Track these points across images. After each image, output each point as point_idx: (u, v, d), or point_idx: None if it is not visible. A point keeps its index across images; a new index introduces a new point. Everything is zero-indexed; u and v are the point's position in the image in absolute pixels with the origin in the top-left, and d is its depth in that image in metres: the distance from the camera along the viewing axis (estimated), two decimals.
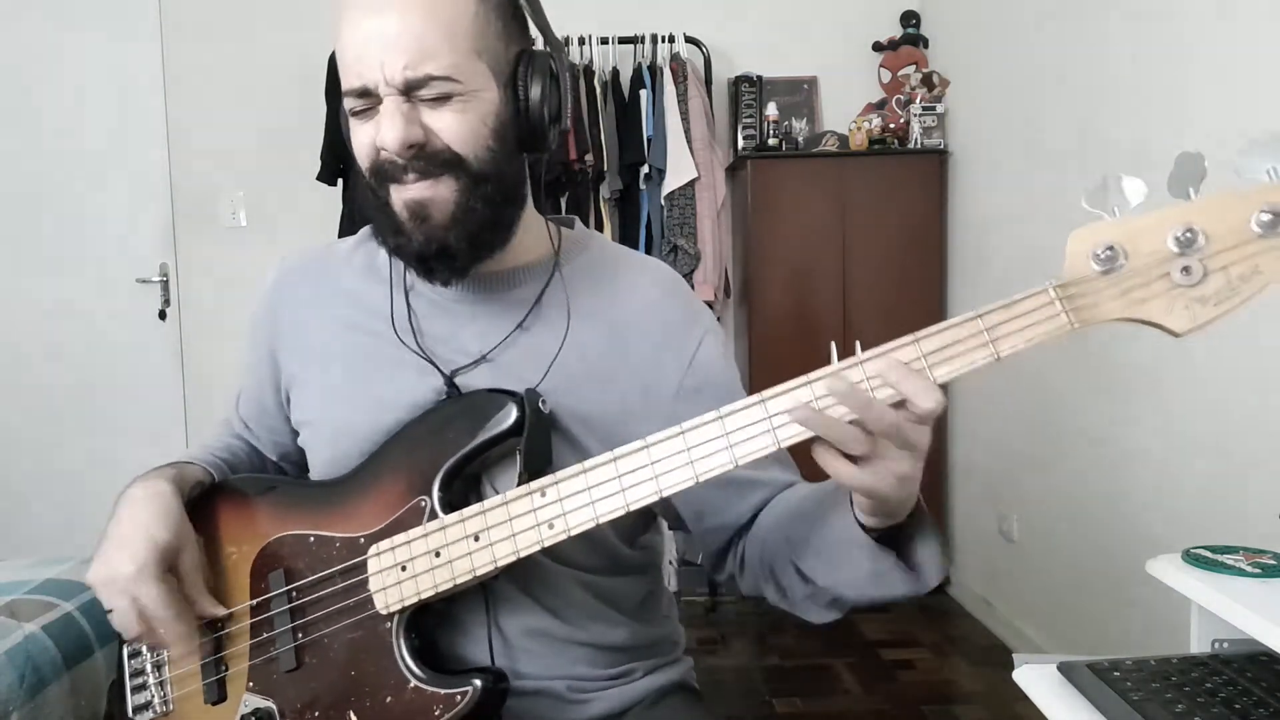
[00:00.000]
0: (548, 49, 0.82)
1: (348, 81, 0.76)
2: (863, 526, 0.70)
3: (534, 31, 0.84)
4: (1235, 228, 0.58)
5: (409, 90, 0.74)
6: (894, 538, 0.71)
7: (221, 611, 0.82)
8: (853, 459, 0.62)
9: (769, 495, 0.85)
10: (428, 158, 0.76)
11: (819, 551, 0.75)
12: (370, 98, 0.75)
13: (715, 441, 0.66)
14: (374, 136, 0.75)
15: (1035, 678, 0.94)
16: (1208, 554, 1.02)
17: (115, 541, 0.79)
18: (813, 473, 0.86)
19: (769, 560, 0.82)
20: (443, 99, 0.75)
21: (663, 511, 0.91)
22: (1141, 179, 0.61)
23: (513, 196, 0.82)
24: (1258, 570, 0.97)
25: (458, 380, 0.83)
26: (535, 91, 0.79)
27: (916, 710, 2.27)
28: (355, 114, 0.77)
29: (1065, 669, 0.93)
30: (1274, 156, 0.56)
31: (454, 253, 0.78)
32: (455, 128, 0.76)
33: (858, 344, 0.65)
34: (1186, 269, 0.58)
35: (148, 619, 0.78)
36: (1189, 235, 0.58)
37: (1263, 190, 0.57)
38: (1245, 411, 1.71)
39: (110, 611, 0.79)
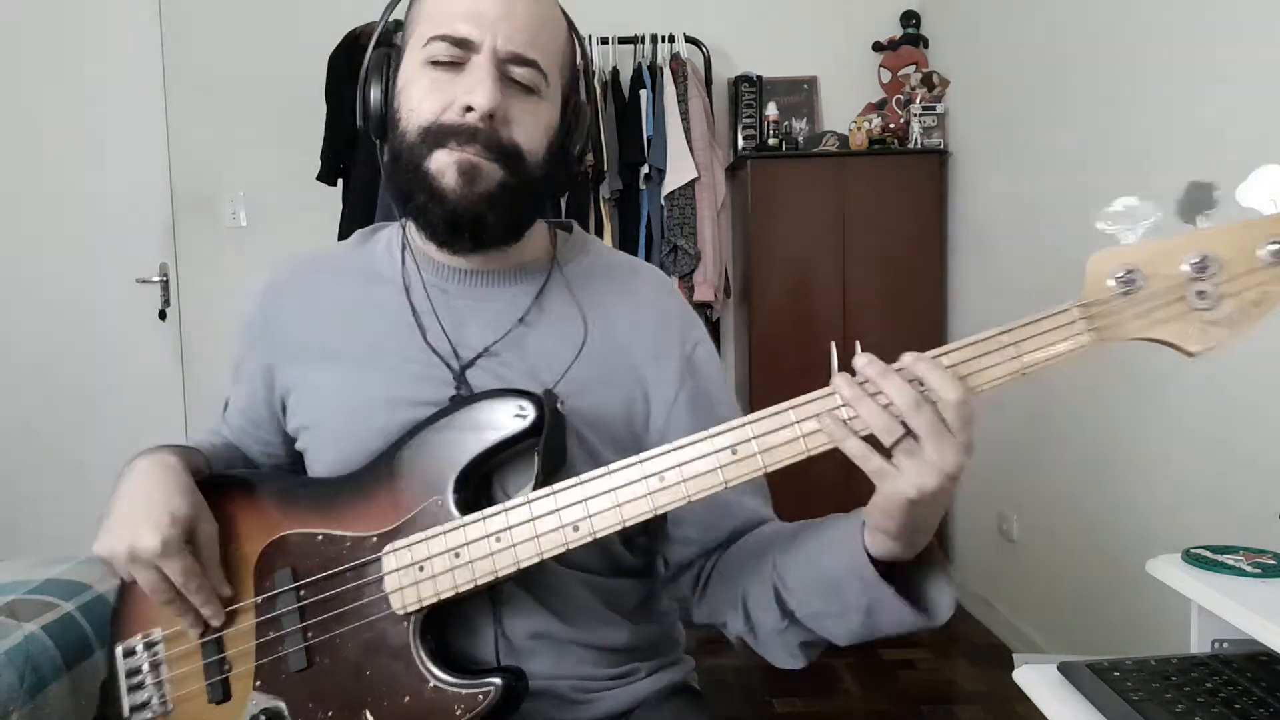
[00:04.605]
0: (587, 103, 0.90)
1: (445, 26, 0.76)
2: (871, 560, 0.69)
3: None
4: (1245, 256, 0.61)
5: (508, 62, 0.77)
6: (895, 579, 0.71)
7: (228, 591, 0.82)
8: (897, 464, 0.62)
9: (743, 525, 0.86)
10: (495, 140, 0.77)
11: (813, 578, 0.75)
12: (465, 50, 0.76)
13: (744, 446, 0.66)
14: (454, 93, 0.76)
15: (1035, 678, 0.94)
16: (1208, 554, 1.02)
17: (130, 514, 0.78)
18: (791, 512, 0.87)
19: (742, 587, 0.81)
20: (528, 91, 0.79)
21: None
22: (1153, 201, 0.64)
23: (541, 202, 0.85)
24: (1258, 570, 0.97)
25: (465, 375, 0.83)
26: (576, 130, 0.86)
27: (916, 710, 2.27)
28: (435, 63, 0.78)
29: (1065, 669, 0.93)
30: (1277, 187, 0.60)
31: (486, 225, 0.80)
32: (527, 122, 0.79)
33: (857, 344, 0.66)
34: (1202, 293, 0.62)
35: (171, 593, 0.78)
36: (1203, 261, 0.61)
37: (1270, 220, 0.61)
38: (1245, 412, 1.71)
39: (133, 582, 0.79)
